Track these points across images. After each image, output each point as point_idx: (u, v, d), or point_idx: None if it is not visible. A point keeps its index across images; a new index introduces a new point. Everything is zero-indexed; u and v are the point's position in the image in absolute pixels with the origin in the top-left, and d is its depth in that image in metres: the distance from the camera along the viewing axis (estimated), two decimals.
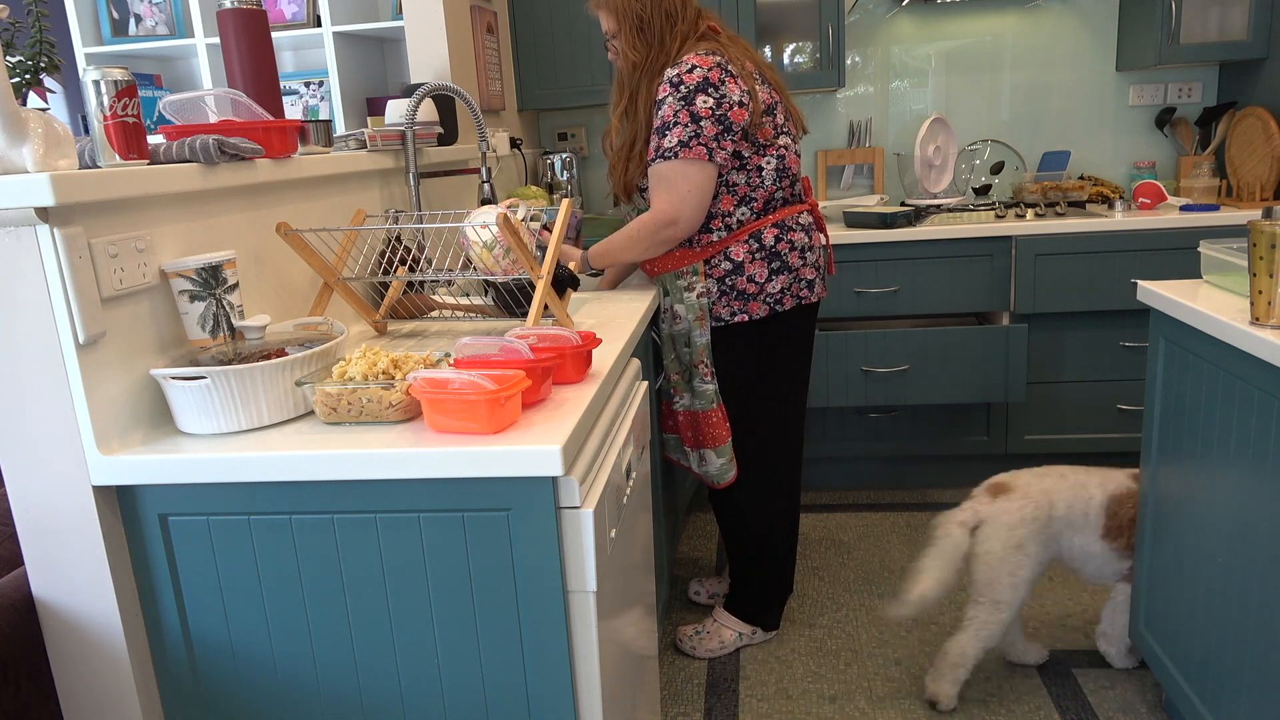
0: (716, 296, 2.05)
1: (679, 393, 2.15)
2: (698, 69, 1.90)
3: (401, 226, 1.67)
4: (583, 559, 1.17)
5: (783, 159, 2.02)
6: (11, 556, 1.51)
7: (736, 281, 2.03)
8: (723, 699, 2.12)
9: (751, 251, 2.02)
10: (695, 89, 1.88)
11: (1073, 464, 2.11)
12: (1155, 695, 2.05)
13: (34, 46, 1.37)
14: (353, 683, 1.24)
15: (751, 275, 2.03)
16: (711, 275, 2.04)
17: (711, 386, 2.09)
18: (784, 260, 2.04)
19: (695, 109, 1.88)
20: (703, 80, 1.89)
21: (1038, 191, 3.06)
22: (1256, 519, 1.49)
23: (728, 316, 2.06)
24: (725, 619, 2.31)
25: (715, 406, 2.10)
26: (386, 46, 3.33)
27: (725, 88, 1.90)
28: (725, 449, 2.13)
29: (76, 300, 1.13)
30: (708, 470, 2.17)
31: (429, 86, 2.01)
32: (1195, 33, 3.03)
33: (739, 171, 1.98)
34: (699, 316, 2.05)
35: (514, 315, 1.80)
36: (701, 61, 1.90)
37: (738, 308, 2.05)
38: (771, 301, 2.05)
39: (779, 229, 2.04)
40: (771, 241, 2.03)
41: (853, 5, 3.40)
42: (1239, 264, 1.72)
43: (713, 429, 2.12)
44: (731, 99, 1.90)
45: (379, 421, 1.24)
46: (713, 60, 1.91)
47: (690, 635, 2.31)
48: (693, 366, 2.10)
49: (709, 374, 2.08)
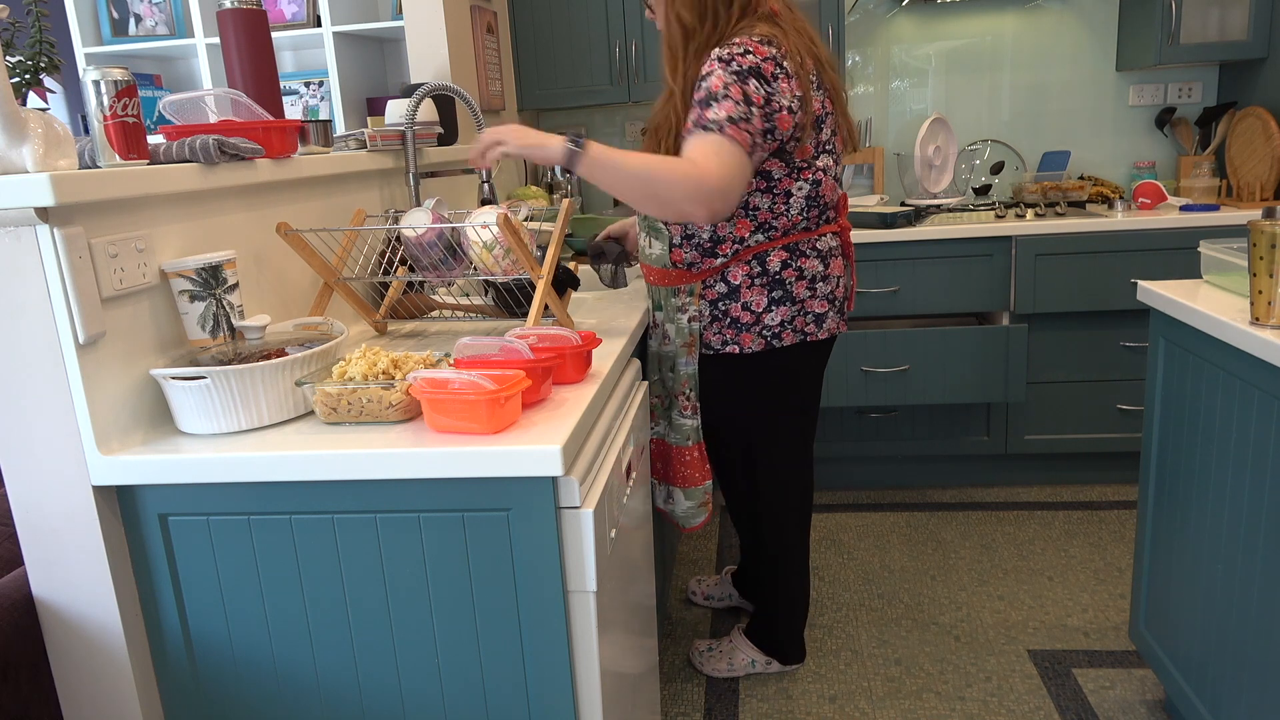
0: (708, 322, 1.83)
1: (655, 418, 1.96)
2: (751, 54, 1.62)
3: (401, 227, 1.67)
4: (583, 559, 1.17)
5: (818, 185, 1.76)
6: (11, 556, 1.51)
7: (730, 308, 1.81)
8: (723, 699, 2.12)
9: (751, 276, 1.79)
10: (749, 71, 1.61)
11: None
12: (1155, 695, 2.05)
13: (34, 46, 1.37)
14: (353, 683, 1.24)
15: (747, 303, 1.80)
16: (705, 297, 1.82)
17: (690, 422, 1.89)
18: (787, 289, 1.80)
19: (748, 90, 1.60)
20: (755, 67, 1.61)
21: (1038, 191, 3.06)
22: (1256, 519, 1.49)
23: (718, 345, 1.84)
24: (741, 643, 2.20)
25: (691, 444, 1.91)
26: (386, 46, 3.33)
27: (777, 85, 1.63)
28: (696, 492, 1.94)
29: (76, 300, 1.13)
30: (673, 510, 1.99)
31: (429, 86, 2.01)
32: (1195, 33, 3.03)
33: (764, 195, 1.74)
34: (687, 343, 1.85)
35: (514, 315, 1.80)
36: (756, 49, 1.63)
37: (729, 337, 1.82)
38: (768, 335, 1.81)
39: (788, 252, 1.79)
40: (777, 267, 1.79)
41: (853, 5, 3.40)
42: (1239, 264, 1.72)
43: (685, 468, 1.93)
44: (781, 101, 1.64)
45: (379, 421, 1.24)
46: (768, 51, 1.64)
47: (703, 650, 2.23)
48: (673, 396, 1.91)
49: (688, 407, 1.89)
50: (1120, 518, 2.89)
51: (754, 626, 2.22)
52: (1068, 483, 3.15)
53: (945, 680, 2.14)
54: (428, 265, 1.63)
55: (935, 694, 2.09)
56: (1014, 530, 2.85)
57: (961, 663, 2.20)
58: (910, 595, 2.51)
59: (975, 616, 2.39)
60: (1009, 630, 2.32)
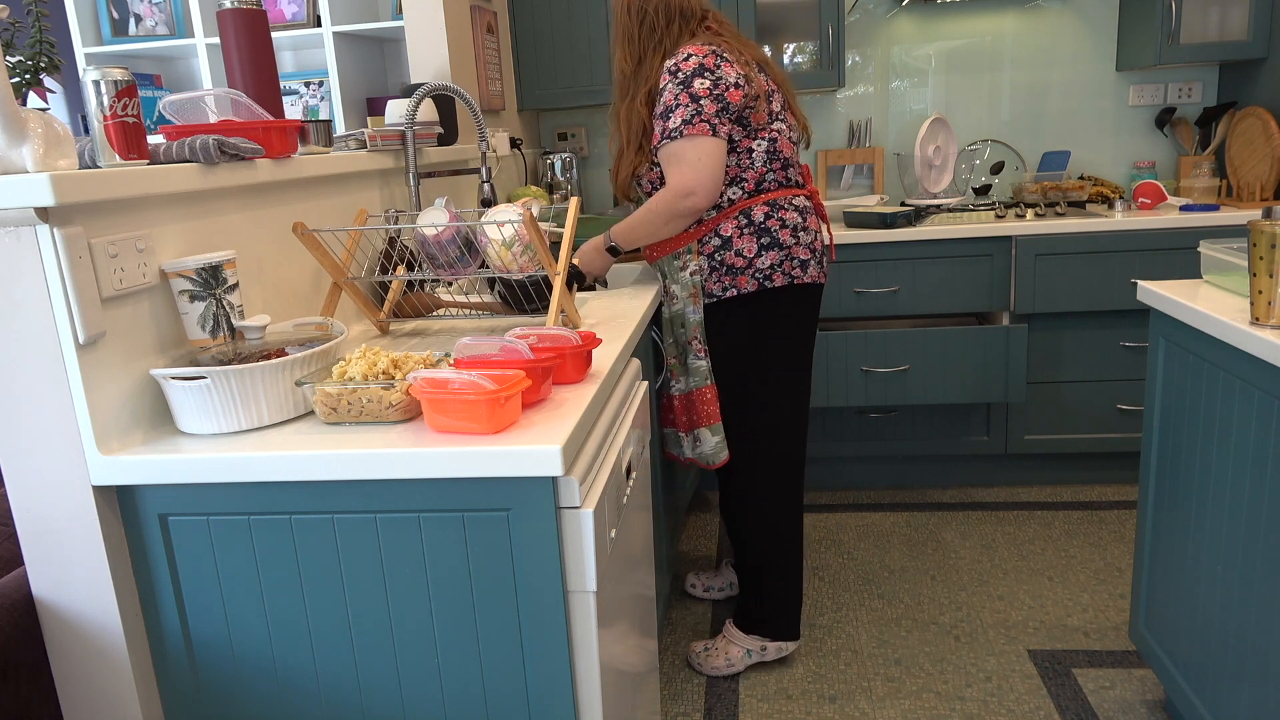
0: (708, 273, 2.07)
1: (676, 377, 2.17)
2: (693, 56, 1.96)
3: (420, 226, 1.66)
4: (583, 559, 1.17)
5: (774, 142, 2.04)
6: (11, 556, 1.51)
7: (725, 256, 2.05)
8: (723, 699, 2.12)
9: (740, 227, 2.04)
10: (692, 73, 1.94)
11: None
12: (1155, 695, 2.05)
13: (34, 46, 1.37)
14: (353, 683, 1.24)
15: (740, 249, 2.04)
16: (703, 253, 2.07)
17: (704, 363, 2.11)
18: (774, 236, 2.04)
19: (694, 90, 1.93)
20: (699, 65, 1.94)
21: (1038, 191, 3.06)
22: (1256, 519, 1.49)
23: (719, 292, 2.07)
24: (734, 635, 2.24)
25: (709, 384, 2.13)
26: (386, 46, 3.33)
27: (721, 70, 1.95)
28: (719, 427, 2.15)
29: (76, 300, 1.13)
30: (702, 451, 2.17)
31: (429, 86, 2.01)
32: (1195, 33, 3.03)
33: (730, 154, 2.02)
34: (692, 293, 2.09)
35: (524, 312, 1.81)
36: (697, 50, 1.97)
37: (728, 283, 2.06)
38: (760, 277, 2.05)
39: (769, 207, 2.05)
40: (761, 218, 2.04)
41: (853, 5, 3.40)
42: (1239, 264, 1.72)
43: (706, 405, 2.14)
44: (727, 80, 1.95)
45: (379, 421, 1.24)
46: (708, 48, 1.97)
47: (699, 652, 2.26)
48: (687, 344, 2.12)
49: (702, 350, 2.11)
50: (1120, 518, 2.89)
51: (742, 612, 2.26)
52: (1068, 483, 3.15)
53: (945, 680, 2.14)
54: (444, 264, 1.64)
55: (935, 694, 2.09)
56: (1014, 530, 2.85)
57: (961, 663, 2.20)
58: (910, 595, 2.51)
59: (975, 616, 2.39)
60: (1009, 630, 2.32)
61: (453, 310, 1.87)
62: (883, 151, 3.50)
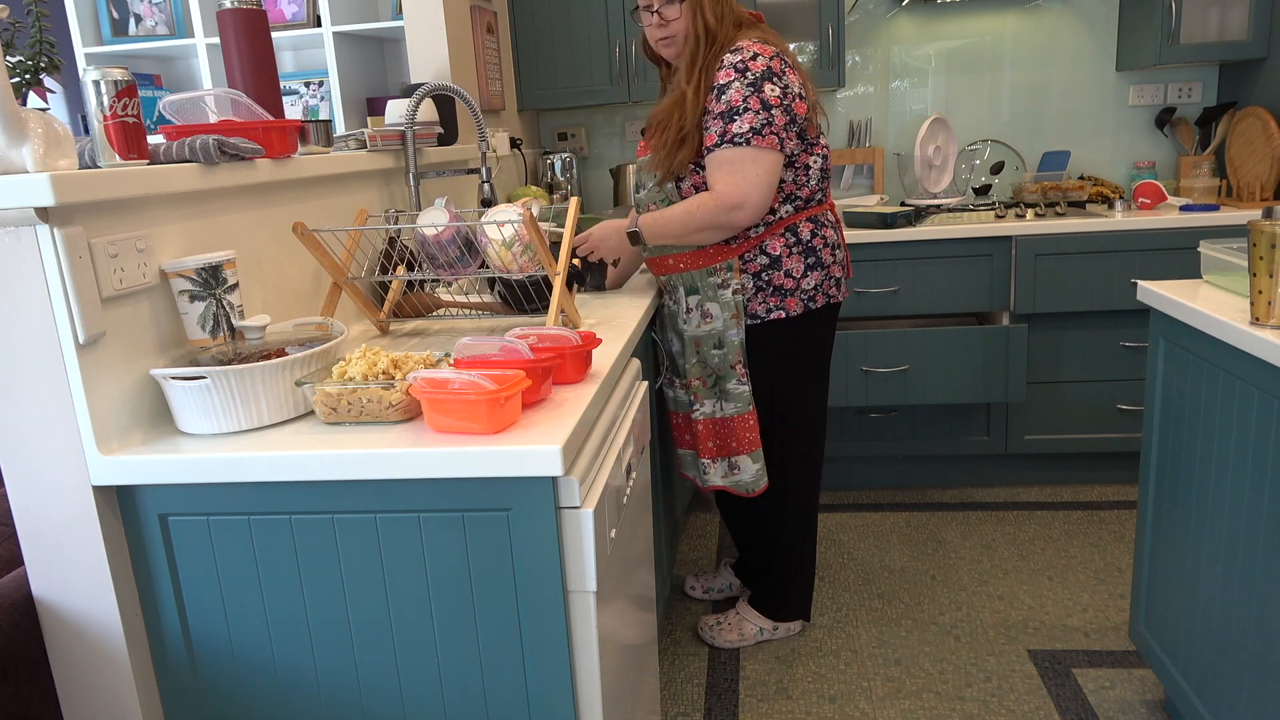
0: (753, 293, 1.98)
1: (699, 399, 2.08)
2: (760, 57, 1.84)
3: (421, 226, 1.67)
4: (583, 559, 1.17)
5: (825, 159, 1.98)
6: (11, 556, 1.51)
7: (773, 277, 1.97)
8: (723, 699, 2.12)
9: (789, 246, 1.96)
10: (762, 76, 1.83)
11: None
12: (1155, 695, 2.05)
13: (34, 46, 1.37)
14: (353, 683, 1.24)
15: (789, 270, 1.97)
16: (747, 271, 1.97)
17: (746, 388, 2.03)
18: (818, 256, 1.99)
19: (764, 96, 1.82)
20: (767, 69, 1.84)
21: (1038, 191, 3.06)
22: (1256, 519, 1.49)
23: (764, 314, 1.99)
24: (748, 613, 2.30)
25: (750, 410, 2.04)
26: (386, 46, 3.33)
27: (787, 78, 1.86)
28: (760, 454, 2.07)
29: (76, 300, 1.13)
30: (740, 479, 2.10)
31: (429, 86, 2.01)
32: (1195, 33, 3.03)
33: (788, 169, 1.93)
34: (735, 315, 1.99)
35: (524, 312, 1.81)
36: (763, 50, 1.85)
37: (774, 304, 1.98)
38: (806, 298, 1.99)
39: (814, 224, 1.98)
40: (808, 236, 1.97)
41: (853, 5, 3.40)
42: (1239, 264, 1.72)
43: (747, 432, 2.05)
44: (793, 90, 1.86)
45: (379, 421, 1.24)
46: (772, 50, 1.87)
47: (711, 625, 2.31)
48: (728, 368, 2.03)
49: (745, 375, 2.02)
50: (1120, 518, 2.89)
51: (760, 596, 2.30)
52: (1068, 483, 3.15)
53: (945, 680, 2.14)
54: (444, 264, 1.64)
55: (935, 694, 2.09)
56: (1014, 530, 2.85)
57: (961, 663, 2.20)
58: (910, 595, 2.51)
59: (975, 616, 2.39)
60: (1009, 630, 2.32)
61: (453, 310, 1.87)
62: (883, 151, 3.50)
